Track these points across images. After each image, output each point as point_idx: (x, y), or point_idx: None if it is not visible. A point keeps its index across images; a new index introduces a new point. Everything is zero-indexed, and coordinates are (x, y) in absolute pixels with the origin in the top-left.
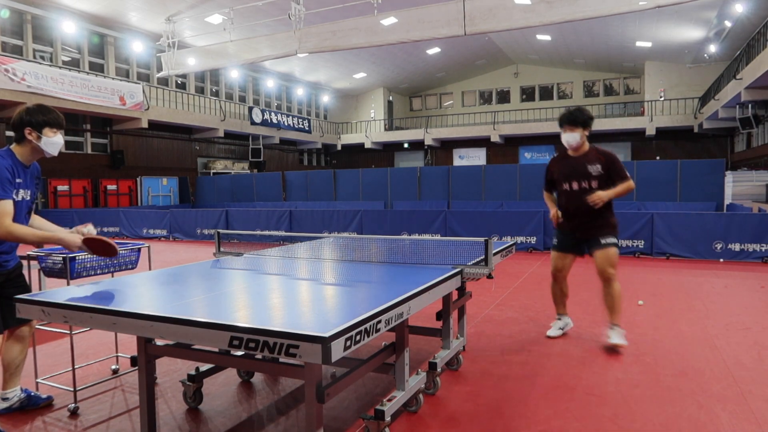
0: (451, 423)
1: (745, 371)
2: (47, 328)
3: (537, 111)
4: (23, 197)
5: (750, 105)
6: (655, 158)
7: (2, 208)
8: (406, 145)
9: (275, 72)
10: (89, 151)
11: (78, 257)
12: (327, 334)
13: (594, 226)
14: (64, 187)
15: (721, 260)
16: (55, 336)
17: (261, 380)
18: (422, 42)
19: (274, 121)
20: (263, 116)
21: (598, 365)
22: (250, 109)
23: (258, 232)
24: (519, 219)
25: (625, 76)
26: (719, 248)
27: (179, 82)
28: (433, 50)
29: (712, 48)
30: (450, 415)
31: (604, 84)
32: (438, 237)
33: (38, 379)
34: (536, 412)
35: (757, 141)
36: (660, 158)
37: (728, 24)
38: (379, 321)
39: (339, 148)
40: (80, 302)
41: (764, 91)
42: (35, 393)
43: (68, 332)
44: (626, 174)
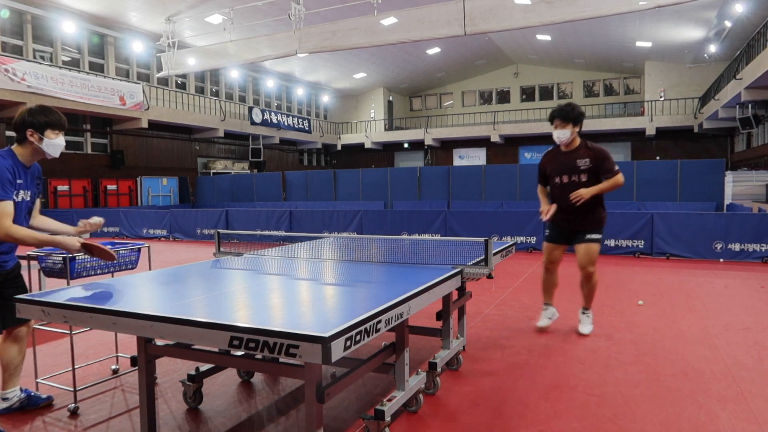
0: (451, 423)
1: (745, 371)
2: (47, 328)
3: (537, 111)
4: (23, 198)
5: (750, 105)
6: (655, 158)
7: (2, 209)
8: (406, 145)
9: (275, 72)
10: (89, 151)
11: (78, 257)
12: (327, 334)
13: (583, 220)
14: (64, 187)
15: (721, 260)
16: (55, 336)
17: (261, 380)
18: (422, 42)
19: (274, 121)
20: (263, 116)
21: (598, 365)
22: (250, 109)
23: (258, 232)
24: (519, 219)
25: (625, 76)
26: (719, 248)
27: (179, 82)
28: (433, 50)
29: (712, 48)
30: (450, 415)
31: (604, 84)
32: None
33: (38, 379)
34: (536, 412)
35: (757, 141)
36: (660, 158)
37: (728, 24)
38: (379, 321)
39: (339, 148)
40: (80, 302)
41: (764, 91)
42: (35, 393)
43: (68, 332)
44: (614, 170)
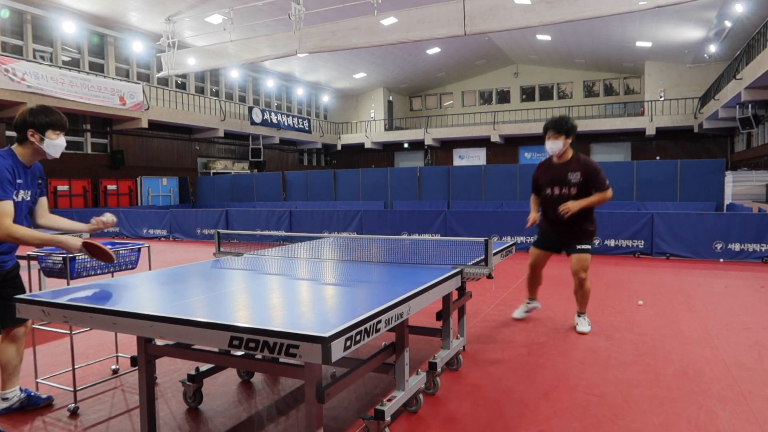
0: (451, 423)
1: (745, 371)
2: (47, 328)
3: (537, 111)
4: (23, 198)
5: (750, 105)
6: (655, 158)
7: (3, 209)
8: (406, 145)
9: (275, 72)
10: (89, 151)
11: (78, 257)
12: (327, 334)
13: (572, 232)
14: (64, 187)
15: (721, 260)
16: (55, 336)
17: (261, 380)
18: (422, 42)
19: (274, 121)
20: (263, 116)
21: (598, 365)
22: (250, 109)
23: (258, 232)
24: (519, 219)
25: (625, 76)
26: (719, 248)
27: (179, 82)
28: (433, 50)
29: (712, 48)
30: (450, 415)
31: (604, 84)
32: (438, 237)
33: (38, 379)
34: (536, 412)
35: (757, 141)
36: (660, 158)
37: (728, 24)
38: (379, 321)
39: (339, 148)
40: (80, 302)
41: (764, 91)
42: (35, 393)
43: (68, 332)
44: (604, 185)
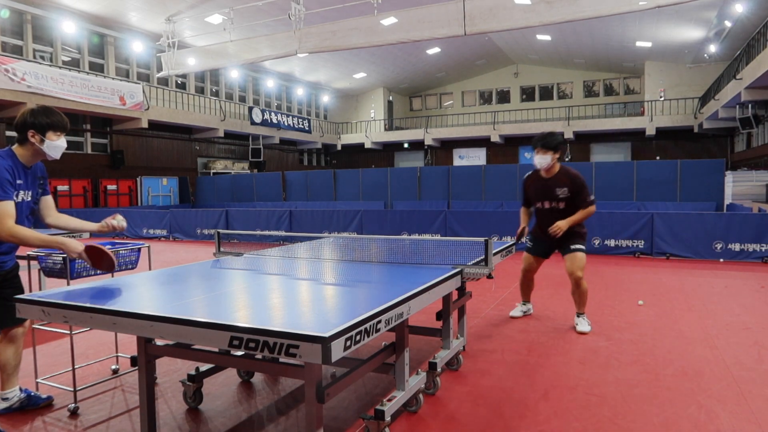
0: (451, 423)
1: (745, 371)
2: (47, 328)
3: (537, 111)
4: (23, 198)
5: (750, 105)
6: (655, 158)
7: (4, 210)
8: (406, 145)
9: (275, 72)
10: (89, 151)
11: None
12: (327, 334)
13: (565, 235)
14: (64, 187)
15: (721, 260)
16: (55, 336)
17: (261, 380)
18: (422, 42)
19: (274, 121)
20: (263, 116)
21: (598, 365)
22: (250, 109)
23: (258, 232)
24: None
25: (625, 76)
26: (719, 248)
27: (179, 82)
28: (433, 50)
29: (712, 48)
30: (450, 415)
31: (604, 84)
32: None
33: (38, 379)
34: (536, 412)
35: (757, 141)
36: (660, 158)
37: (728, 24)
38: (379, 321)
39: (339, 148)
40: (80, 302)
41: (764, 91)
42: (35, 393)
43: (68, 332)
44: (589, 199)
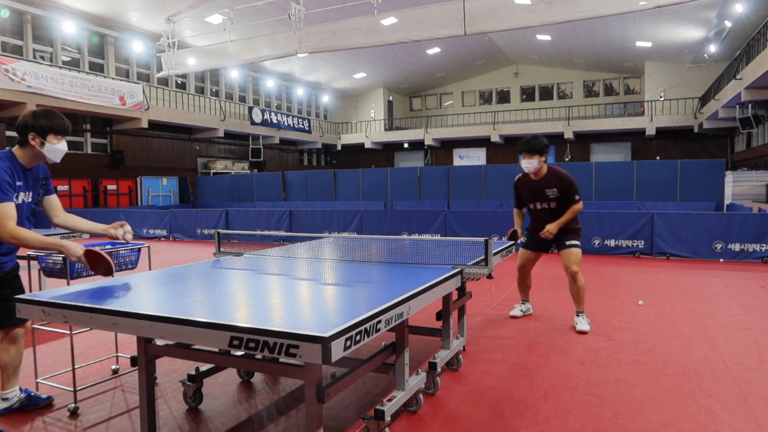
0: (451, 423)
1: (745, 371)
2: (47, 328)
3: (537, 111)
4: (24, 200)
5: (750, 105)
6: (655, 158)
7: (4, 211)
8: (406, 145)
9: (275, 72)
10: (89, 151)
11: None
12: (327, 334)
13: (559, 232)
14: (64, 187)
15: (721, 260)
16: (55, 336)
17: (261, 380)
18: (422, 42)
19: (274, 121)
20: (263, 116)
21: (598, 365)
22: (250, 109)
23: (258, 232)
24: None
25: (625, 76)
26: (719, 248)
27: (179, 82)
28: (433, 50)
29: (712, 48)
30: (450, 415)
31: (604, 84)
32: (438, 237)
33: (38, 379)
34: (536, 412)
35: (757, 141)
36: (660, 158)
37: (728, 24)
38: (379, 321)
39: (339, 148)
40: (80, 302)
41: (764, 91)
42: (35, 393)
43: (68, 332)
44: (576, 197)
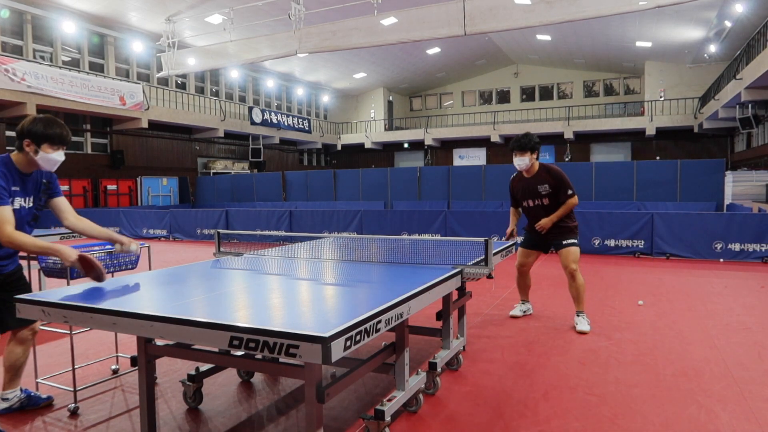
0: (451, 423)
1: (745, 371)
2: (47, 328)
3: (537, 111)
4: (22, 205)
5: (750, 105)
6: (655, 158)
7: (1, 216)
8: (406, 145)
9: (275, 72)
10: (89, 151)
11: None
12: (327, 334)
13: (556, 232)
14: (64, 187)
15: (721, 260)
16: (55, 336)
17: (261, 380)
18: (422, 42)
19: (274, 121)
20: (263, 116)
21: (598, 365)
22: (250, 109)
23: (258, 232)
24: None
25: (625, 76)
26: (719, 248)
27: (179, 82)
28: (433, 50)
29: (712, 48)
30: (450, 415)
31: (604, 84)
32: (438, 237)
33: (38, 379)
34: (536, 412)
35: (757, 141)
36: (660, 158)
37: (728, 24)
38: (379, 321)
39: (339, 148)
40: (80, 302)
41: (764, 91)
42: (35, 393)
43: (68, 332)
44: (569, 191)
